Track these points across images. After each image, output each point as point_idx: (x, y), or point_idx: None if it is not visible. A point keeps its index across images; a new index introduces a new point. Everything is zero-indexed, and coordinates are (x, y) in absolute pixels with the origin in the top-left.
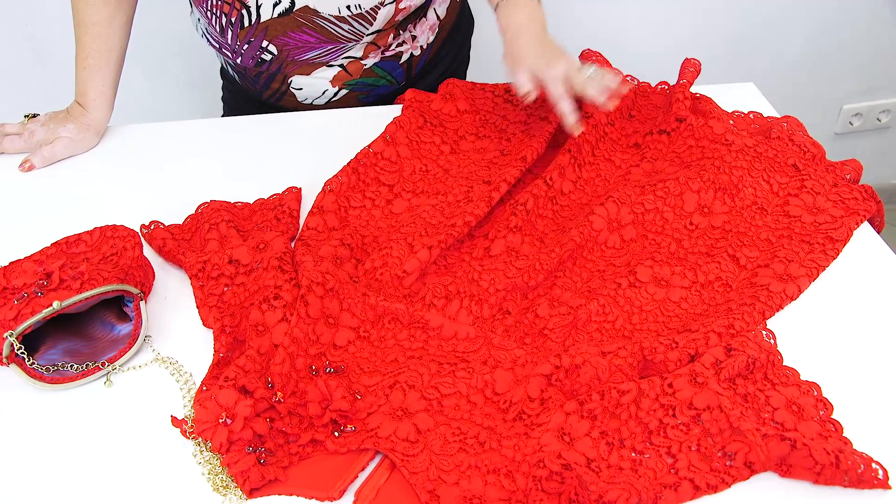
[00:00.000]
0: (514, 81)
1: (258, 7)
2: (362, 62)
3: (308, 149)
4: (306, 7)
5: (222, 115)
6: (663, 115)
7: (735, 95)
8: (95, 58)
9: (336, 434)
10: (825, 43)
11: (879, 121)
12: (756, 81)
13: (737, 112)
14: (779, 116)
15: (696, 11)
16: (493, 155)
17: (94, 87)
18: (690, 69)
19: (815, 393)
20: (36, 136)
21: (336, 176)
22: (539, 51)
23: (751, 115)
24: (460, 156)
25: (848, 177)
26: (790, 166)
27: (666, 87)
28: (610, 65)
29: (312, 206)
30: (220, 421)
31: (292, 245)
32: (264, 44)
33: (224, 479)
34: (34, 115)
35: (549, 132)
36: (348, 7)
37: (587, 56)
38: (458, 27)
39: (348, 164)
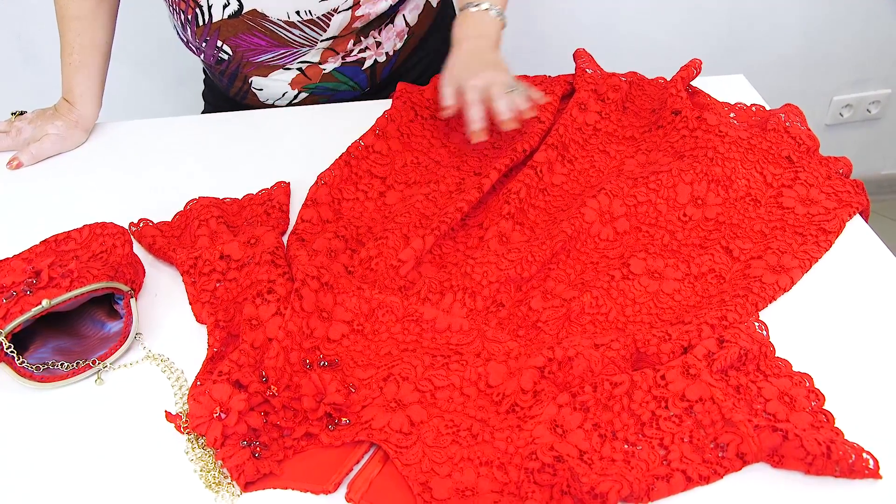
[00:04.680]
0: (441, 95)
1: (209, 7)
2: (321, 66)
3: (296, 144)
4: (254, 10)
5: (202, 112)
6: (659, 111)
7: (725, 87)
8: (80, 53)
9: (330, 427)
10: (815, 35)
11: (869, 112)
12: (746, 73)
13: (739, 104)
14: (768, 108)
15: (687, 3)
16: (485, 146)
17: (80, 82)
18: (692, 69)
19: (807, 384)
20: (23, 134)
21: (329, 169)
22: (469, 64)
23: (753, 108)
24: (451, 149)
25: (840, 171)
26: (784, 158)
27: (662, 81)
28: (599, 67)
29: (306, 199)
30: (215, 415)
31: (284, 239)
32: (219, 43)
33: (216, 475)
34: (21, 113)
35: (542, 129)
36: (297, 13)
37: (579, 55)
38: (432, 35)
39: (340, 157)
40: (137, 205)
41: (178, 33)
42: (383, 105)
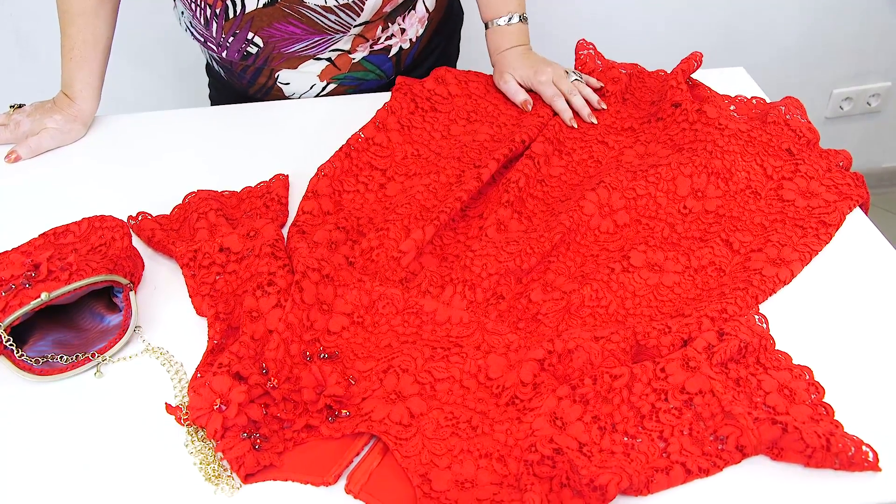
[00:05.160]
0: (509, 92)
1: None
2: (350, 56)
3: (294, 137)
4: None
5: None
6: (659, 104)
7: (725, 80)
8: (81, 48)
9: (330, 419)
10: (816, 28)
11: (869, 105)
12: (747, 66)
13: (739, 97)
14: (769, 101)
15: None
16: (485, 138)
17: (80, 78)
18: (693, 62)
19: (807, 377)
20: (22, 127)
21: (329, 161)
22: (525, 62)
23: (753, 101)
24: (451, 140)
25: (841, 164)
26: (784, 150)
27: (662, 73)
28: (602, 56)
29: (307, 191)
30: (215, 407)
31: (284, 231)
32: (250, 35)
33: (216, 468)
34: (20, 106)
35: (540, 122)
36: None
37: (582, 47)
38: (447, 20)
39: (340, 149)
40: (136, 198)
41: (192, 32)
42: (382, 97)
